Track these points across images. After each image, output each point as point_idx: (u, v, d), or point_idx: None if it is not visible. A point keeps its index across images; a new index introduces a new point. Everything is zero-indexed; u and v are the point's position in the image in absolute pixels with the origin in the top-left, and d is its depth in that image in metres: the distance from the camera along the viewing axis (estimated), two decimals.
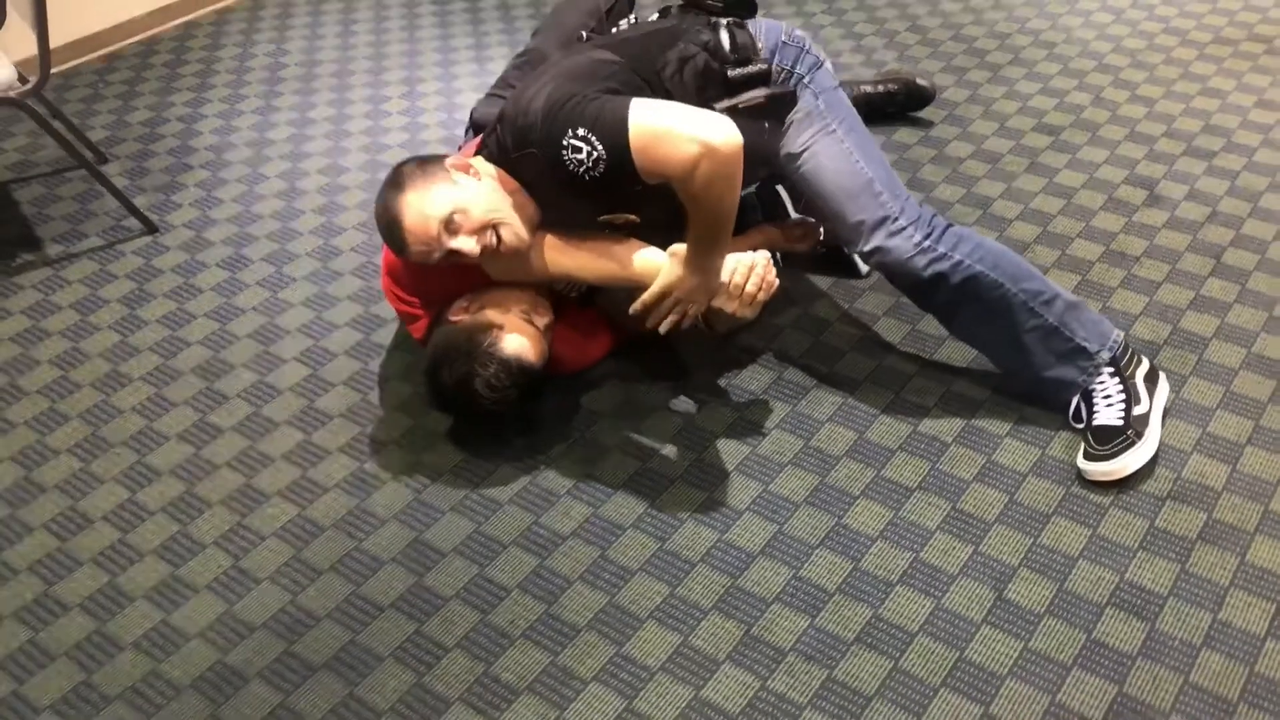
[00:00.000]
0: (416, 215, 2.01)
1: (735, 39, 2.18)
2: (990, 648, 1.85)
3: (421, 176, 2.05)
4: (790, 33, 2.27)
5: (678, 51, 2.15)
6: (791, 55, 2.24)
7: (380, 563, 2.05)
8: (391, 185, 2.06)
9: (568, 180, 1.99)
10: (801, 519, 2.08)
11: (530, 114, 2.00)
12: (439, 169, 2.06)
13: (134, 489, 2.23)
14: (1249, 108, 3.13)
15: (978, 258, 2.12)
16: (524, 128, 2.02)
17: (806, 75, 2.23)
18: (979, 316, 2.16)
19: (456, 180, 2.05)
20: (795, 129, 2.22)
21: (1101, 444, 2.08)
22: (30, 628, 1.98)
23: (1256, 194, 2.80)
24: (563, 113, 1.97)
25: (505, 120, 2.07)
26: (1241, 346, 2.37)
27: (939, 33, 3.62)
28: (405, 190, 2.03)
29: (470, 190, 2.04)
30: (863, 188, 2.17)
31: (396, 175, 2.07)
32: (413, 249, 2.05)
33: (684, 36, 2.18)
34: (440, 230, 2.01)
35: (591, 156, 1.94)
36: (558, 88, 2.01)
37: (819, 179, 2.21)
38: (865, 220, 2.16)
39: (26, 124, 3.40)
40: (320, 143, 3.27)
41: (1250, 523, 2.01)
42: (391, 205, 2.04)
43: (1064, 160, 2.97)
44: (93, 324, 2.64)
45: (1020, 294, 2.11)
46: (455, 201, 2.01)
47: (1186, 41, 3.47)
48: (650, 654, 1.87)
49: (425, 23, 3.89)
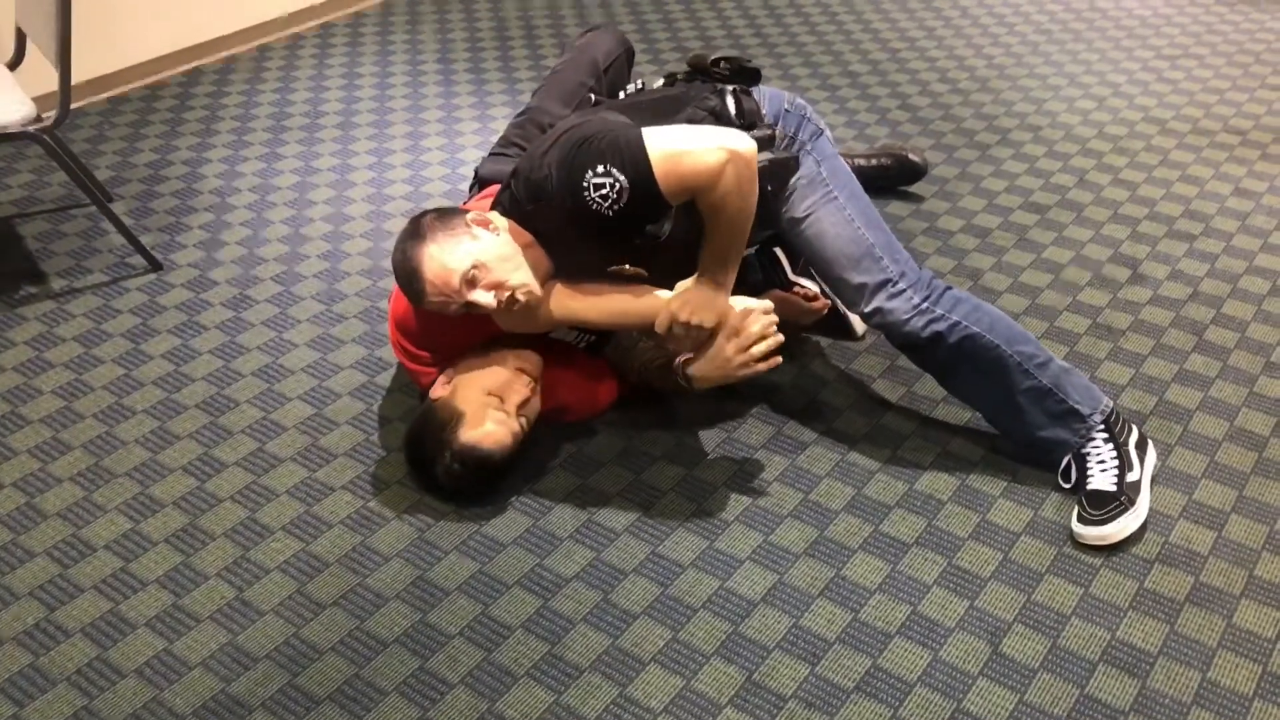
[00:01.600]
0: (438, 267, 2.06)
1: (741, 105, 2.27)
2: (986, 700, 1.88)
3: (443, 229, 2.09)
4: (793, 101, 2.36)
5: (685, 115, 2.23)
6: (794, 122, 2.33)
7: (384, 599, 2.07)
8: (412, 236, 2.10)
9: (588, 223, 2.04)
10: (801, 569, 2.12)
11: (543, 167, 2.07)
12: (460, 222, 2.11)
13: (137, 519, 2.23)
14: (1226, 195, 3.25)
15: (974, 320, 2.20)
16: (538, 181, 2.08)
17: (809, 142, 2.32)
18: (975, 376, 2.23)
19: (476, 235, 2.09)
20: (798, 195, 2.30)
21: (1096, 509, 2.14)
22: (31, 652, 1.97)
23: (1235, 276, 2.90)
24: (578, 158, 2.03)
25: (519, 176, 2.13)
26: (1224, 419, 2.45)
27: (929, 111, 3.74)
28: (426, 242, 2.08)
29: (489, 245, 2.09)
30: (864, 253, 2.25)
31: (417, 226, 2.11)
32: (430, 299, 2.09)
33: (692, 102, 2.26)
34: (461, 284, 2.05)
35: (615, 188, 1.99)
36: (569, 139, 2.07)
37: (821, 244, 2.28)
38: (867, 283, 2.24)
39: (31, 161, 3.43)
40: (324, 191, 3.32)
41: (1236, 587, 2.07)
42: (412, 256, 2.08)
43: (1051, 237, 3.07)
44: (96, 357, 2.66)
45: (1015, 355, 2.18)
46: (475, 256, 2.06)
47: (1166, 130, 3.61)
48: (653, 696, 1.89)
49: (429, 79, 3.98)
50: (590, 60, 2.63)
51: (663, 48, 4.22)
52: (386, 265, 2.98)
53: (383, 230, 3.13)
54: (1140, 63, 4.07)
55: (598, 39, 2.65)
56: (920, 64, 4.08)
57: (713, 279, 2.11)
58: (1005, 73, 4.00)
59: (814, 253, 2.31)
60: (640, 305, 2.19)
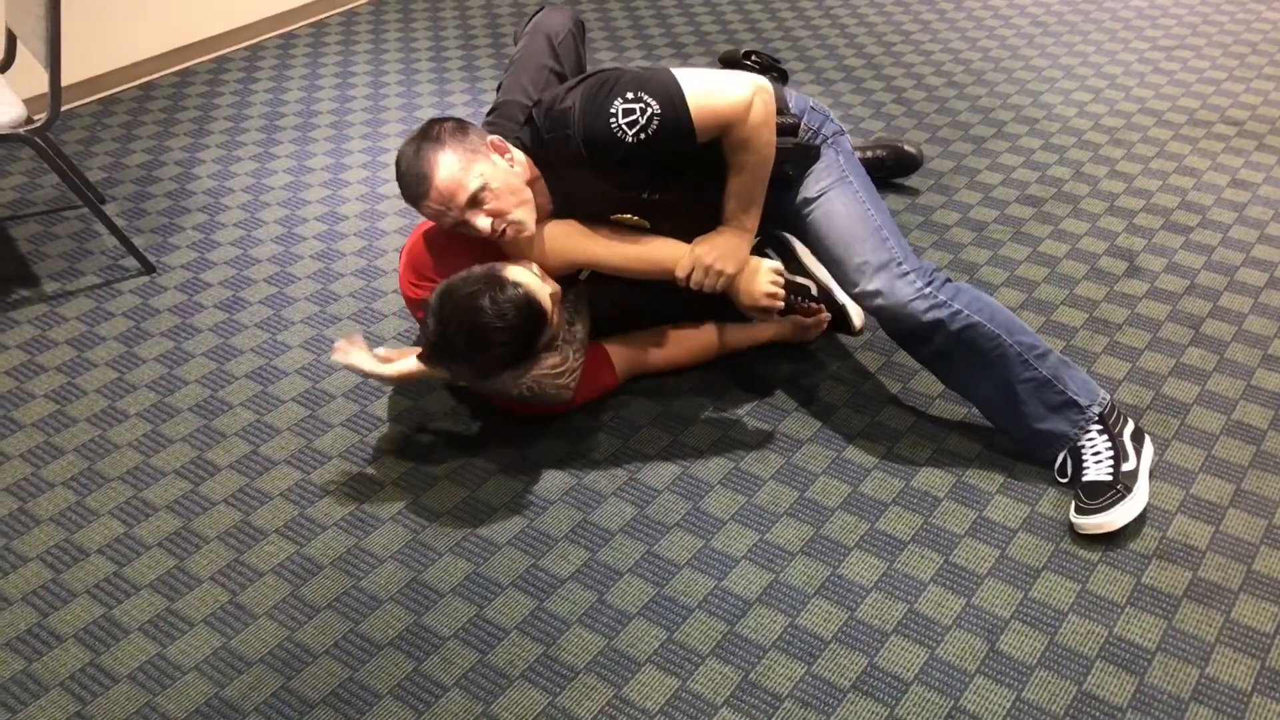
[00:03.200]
0: (450, 177, 2.09)
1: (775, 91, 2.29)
2: (984, 698, 1.88)
3: (462, 141, 2.12)
4: (818, 103, 2.42)
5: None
6: (818, 119, 2.37)
7: (378, 601, 2.06)
8: (428, 138, 2.12)
9: (603, 155, 2.09)
10: (797, 568, 2.11)
11: (568, 98, 2.12)
12: (480, 141, 2.14)
13: (130, 523, 2.22)
14: (1223, 186, 3.24)
15: (976, 309, 2.18)
16: (561, 110, 2.12)
17: (831, 138, 2.36)
18: (974, 366, 2.21)
19: (493, 159, 2.13)
20: (813, 178, 2.33)
21: (1092, 499, 2.13)
22: (24, 658, 1.97)
23: (1232, 268, 2.89)
24: (606, 88, 2.09)
25: (540, 107, 2.18)
26: (1221, 413, 2.44)
27: (924, 105, 3.73)
28: (445, 147, 2.10)
29: (503, 172, 2.13)
30: (872, 232, 2.25)
31: (436, 130, 2.13)
32: (430, 204, 2.12)
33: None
34: (466, 200, 2.09)
35: (646, 114, 2.06)
36: (598, 78, 2.14)
37: (829, 221, 2.28)
38: (870, 261, 2.23)
39: (24, 163, 3.42)
40: (318, 191, 3.31)
41: (1234, 582, 2.06)
42: (426, 157, 2.10)
43: (1047, 230, 3.06)
44: (89, 360, 2.65)
45: (1016, 346, 2.17)
46: (489, 178, 2.10)
47: (1162, 122, 3.59)
48: (649, 697, 1.89)
49: (422, 77, 3.96)
50: (545, 41, 2.64)
51: (656, 43, 4.20)
52: (381, 265, 2.97)
53: (376, 229, 3.12)
54: (1136, 54, 4.05)
55: (546, 19, 2.66)
56: (915, 57, 4.07)
57: (739, 225, 2.24)
58: (1000, 65, 3.99)
59: (820, 232, 2.30)
60: (661, 250, 2.26)
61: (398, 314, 2.78)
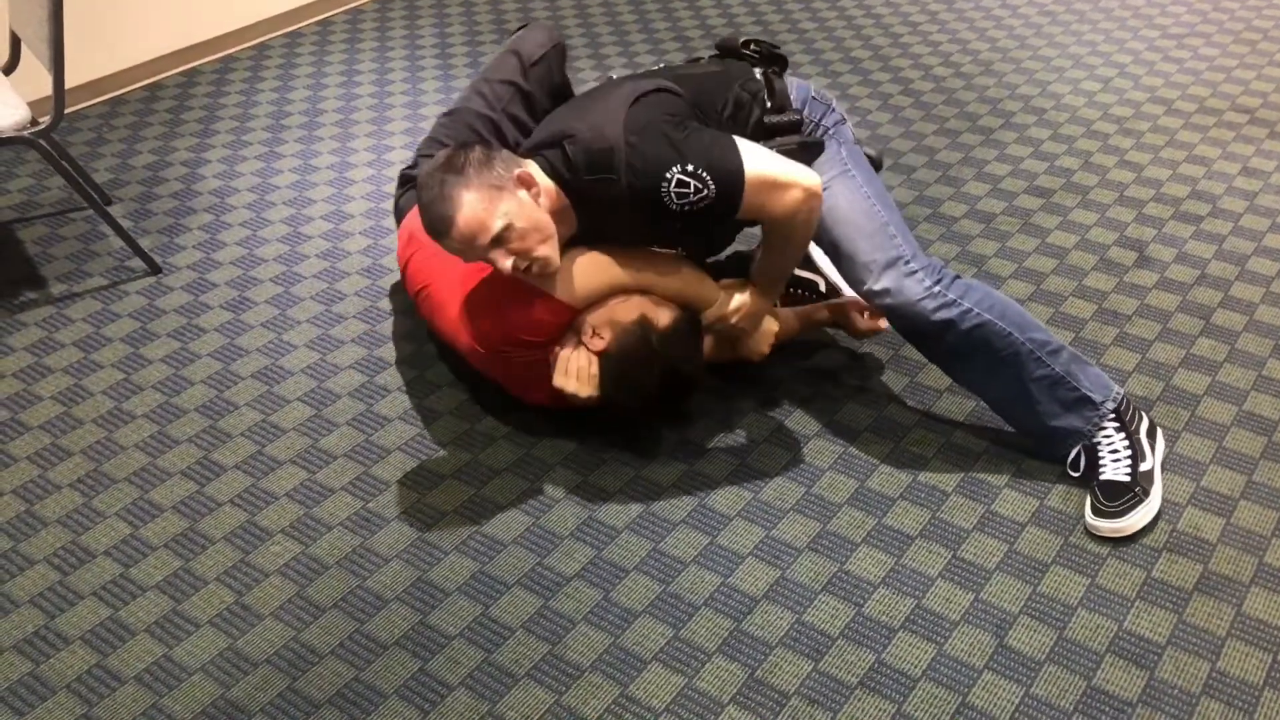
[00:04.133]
0: (473, 218, 2.01)
1: (774, 88, 2.27)
2: (992, 693, 1.86)
3: (487, 175, 2.03)
4: (819, 91, 2.37)
5: (734, 94, 2.23)
6: (819, 110, 2.33)
7: (384, 601, 2.06)
8: (452, 169, 2.03)
9: (643, 210, 2.05)
10: (804, 565, 2.10)
11: (608, 138, 2.04)
12: (506, 173, 2.05)
13: (136, 525, 2.23)
14: (1234, 175, 3.21)
15: (986, 306, 2.16)
16: (602, 152, 2.04)
17: (831, 128, 2.32)
18: (986, 365, 2.19)
19: (519, 196, 2.05)
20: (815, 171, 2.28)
21: (1110, 500, 2.11)
22: (31, 660, 1.97)
23: (1243, 257, 2.87)
24: (666, 148, 2.03)
25: (577, 142, 2.08)
26: (1232, 404, 2.41)
27: (931, 96, 3.70)
28: (470, 185, 2.01)
29: (528, 210, 2.05)
30: (878, 229, 2.22)
31: (460, 161, 2.04)
32: (452, 243, 2.05)
33: (736, 81, 2.26)
34: (489, 241, 2.03)
35: (700, 193, 2.03)
36: (654, 121, 2.06)
37: (835, 218, 2.25)
38: (878, 259, 2.20)
39: (30, 165, 3.43)
40: (323, 190, 3.30)
41: (1245, 575, 2.04)
42: (451, 194, 2.01)
43: (1055, 221, 3.04)
44: (95, 362, 2.65)
45: (1028, 343, 2.15)
46: (513, 218, 2.03)
47: (1172, 110, 3.56)
48: (655, 695, 1.88)
49: (428, 74, 3.96)
50: (516, 59, 2.62)
51: (662, 36, 4.19)
52: (385, 264, 2.96)
53: (381, 228, 3.11)
54: (1146, 42, 4.02)
55: (527, 35, 2.64)
56: (923, 48, 4.04)
57: (766, 293, 2.34)
58: (1009, 55, 3.96)
59: (825, 228, 2.26)
60: (695, 291, 2.29)
61: (403, 313, 2.78)
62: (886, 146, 3.40)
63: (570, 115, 2.18)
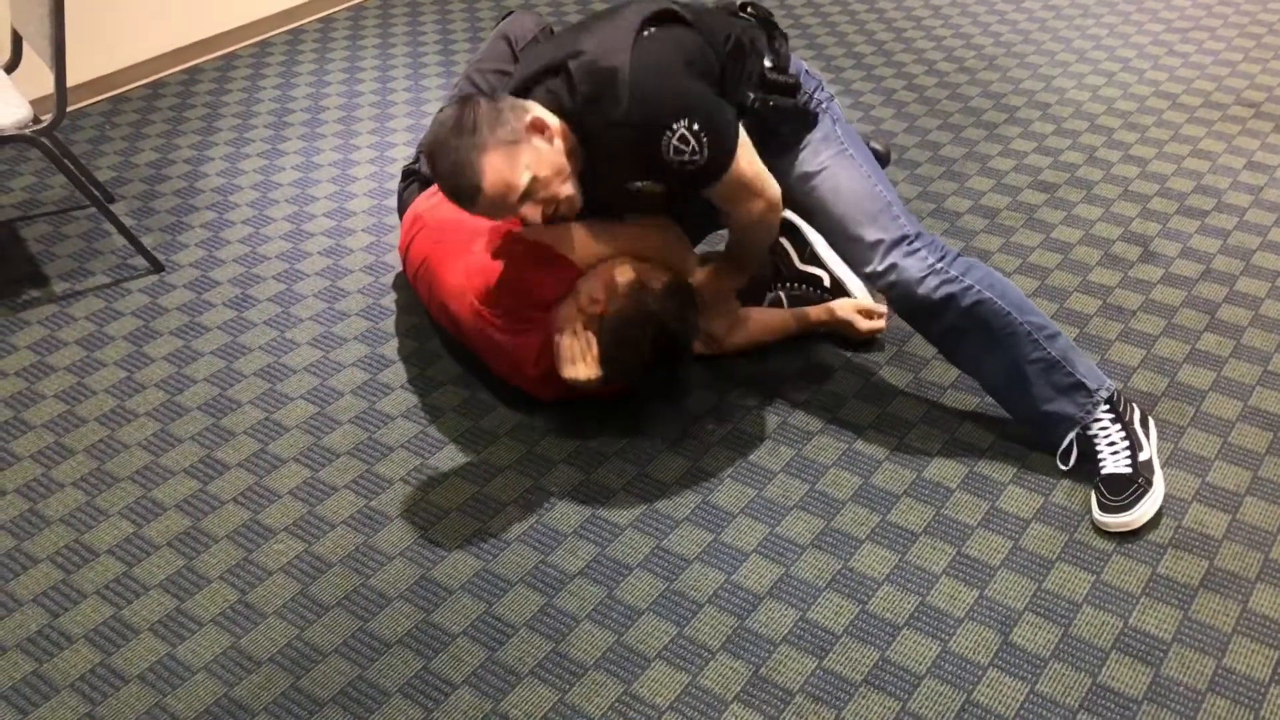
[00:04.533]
0: (498, 180, 1.98)
1: (775, 46, 2.25)
2: (997, 691, 1.86)
3: (501, 130, 1.99)
4: (810, 68, 2.36)
5: (736, 32, 2.18)
6: (812, 84, 2.32)
7: (387, 599, 2.05)
8: (466, 130, 1.98)
9: (641, 152, 2.02)
10: (808, 562, 2.09)
11: (614, 60, 1.99)
12: (517, 120, 2.00)
13: (139, 523, 2.22)
14: (1239, 169, 3.20)
15: (987, 285, 2.15)
16: (607, 70, 1.98)
17: (825, 102, 2.31)
18: (984, 344, 2.18)
19: (535, 144, 2.01)
20: (811, 150, 2.27)
21: (1115, 494, 2.10)
22: (35, 659, 1.97)
23: (1249, 252, 2.85)
24: (677, 99, 2.00)
25: (581, 59, 2.02)
26: (1238, 400, 2.41)
27: (935, 91, 3.69)
28: (487, 146, 1.97)
29: (546, 156, 2.02)
30: (881, 209, 2.21)
31: (470, 119, 1.99)
32: (480, 208, 2.03)
33: (738, 28, 2.21)
34: (518, 198, 2.01)
35: (693, 156, 2.02)
36: (667, 60, 2.03)
37: (836, 198, 2.24)
38: (883, 239, 2.19)
39: (33, 163, 3.42)
40: (326, 186, 3.30)
41: (1251, 571, 2.04)
42: (470, 161, 1.97)
43: (1060, 216, 3.03)
44: (99, 360, 2.65)
45: (1026, 324, 2.14)
46: (535, 169, 2.00)
47: (1177, 105, 3.55)
48: (658, 693, 1.87)
49: (430, 71, 3.95)
50: (506, 44, 2.62)
51: None
52: (388, 261, 2.96)
53: (384, 225, 3.11)
54: (1151, 36, 4.00)
55: (513, 23, 2.64)
56: (926, 43, 4.03)
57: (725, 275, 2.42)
58: (1013, 50, 3.95)
59: (827, 208, 2.25)
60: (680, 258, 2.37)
61: (406, 310, 2.78)
62: (890, 142, 3.39)
63: (576, 35, 2.12)
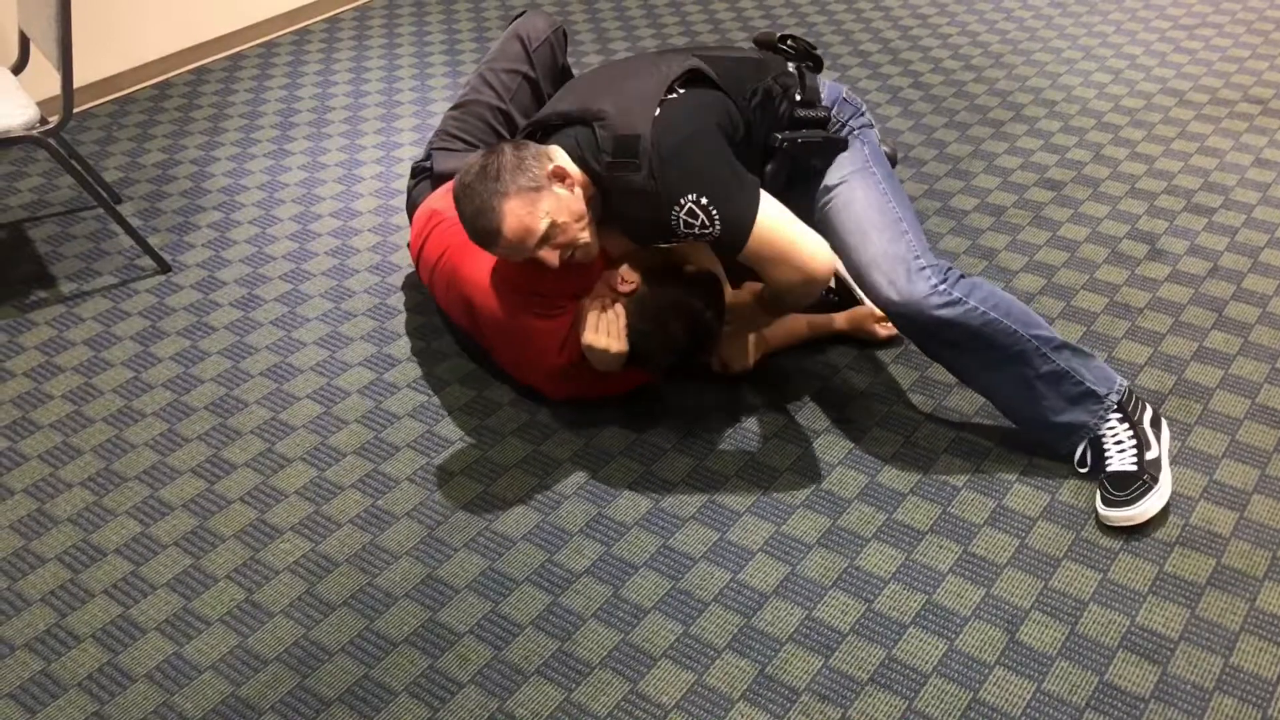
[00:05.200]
0: (518, 225, 2.06)
1: (805, 81, 2.29)
2: (1004, 689, 1.85)
3: (523, 177, 2.06)
4: (850, 95, 2.38)
5: (764, 84, 2.23)
6: (849, 111, 2.34)
7: (393, 598, 2.06)
8: (490, 177, 2.07)
9: (653, 218, 2.08)
10: (814, 560, 2.09)
11: (636, 126, 2.06)
12: (538, 168, 2.08)
13: (147, 523, 2.23)
14: (1246, 166, 3.19)
15: (991, 304, 2.15)
16: (629, 138, 2.06)
17: (858, 130, 2.33)
18: (991, 363, 2.18)
19: (555, 191, 2.09)
20: (835, 166, 2.30)
21: (1119, 490, 2.10)
22: (43, 658, 1.97)
23: (1256, 249, 2.85)
24: (690, 165, 2.05)
25: (606, 124, 2.10)
26: (1245, 397, 2.40)
27: (941, 89, 3.69)
28: (509, 194, 2.05)
29: (566, 203, 2.09)
30: (890, 223, 2.21)
31: (495, 167, 2.07)
32: (501, 250, 2.12)
33: (769, 71, 2.26)
34: (536, 243, 2.08)
35: (705, 228, 2.06)
36: (673, 114, 2.08)
37: (849, 210, 2.25)
38: (887, 254, 2.18)
39: (41, 164, 3.43)
40: (332, 186, 3.31)
41: (1259, 569, 2.03)
42: (493, 207, 2.06)
43: (1067, 214, 3.02)
44: (106, 360, 2.66)
45: (1032, 339, 2.14)
46: (555, 215, 2.08)
47: (1184, 102, 3.54)
48: (665, 692, 1.87)
49: (436, 70, 3.95)
50: (520, 44, 2.63)
51: (671, 31, 4.18)
52: (395, 260, 2.96)
53: (390, 225, 3.11)
54: (1157, 33, 3.99)
55: (525, 23, 2.65)
56: (932, 41, 4.03)
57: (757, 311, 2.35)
58: (1019, 47, 3.94)
59: (839, 222, 2.25)
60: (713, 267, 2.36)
61: (413, 310, 2.78)
62: (897, 140, 3.39)
63: (601, 90, 2.18)
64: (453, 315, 2.52)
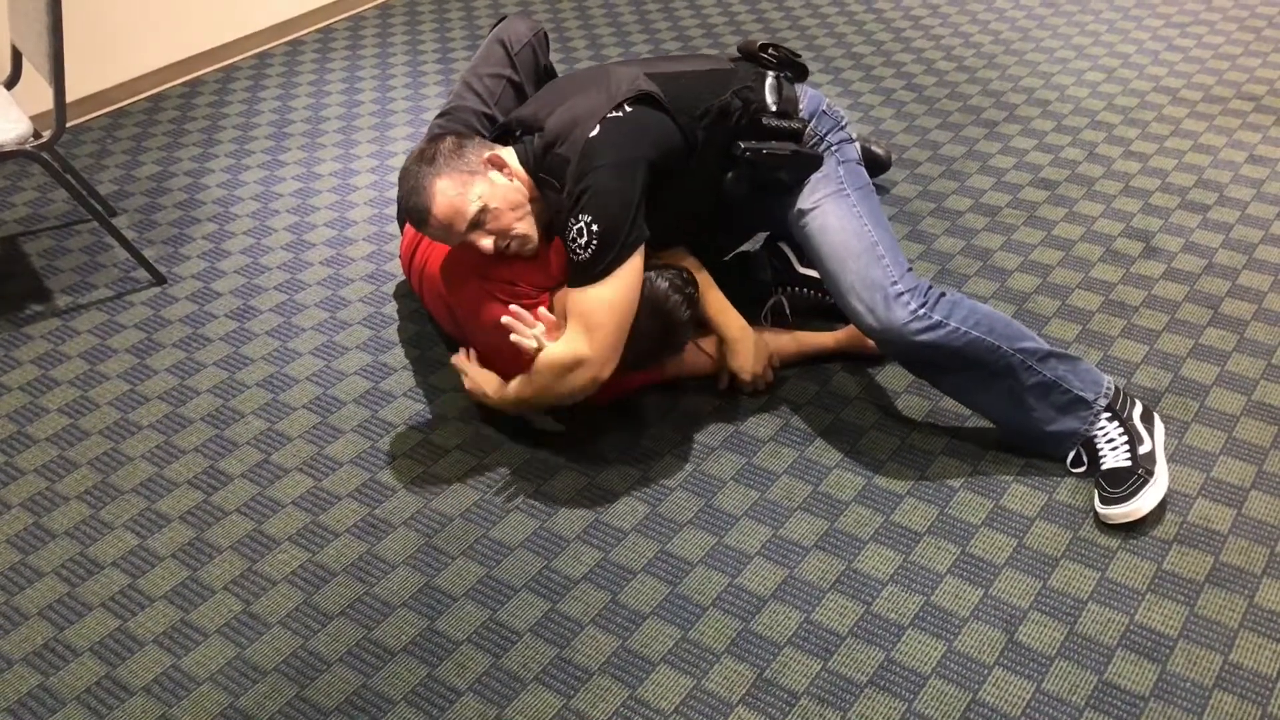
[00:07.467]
0: (447, 205, 2.12)
1: (781, 91, 2.28)
2: (1003, 690, 1.85)
3: (458, 162, 2.15)
4: (831, 107, 2.37)
5: (722, 100, 2.22)
6: (827, 125, 2.33)
7: (391, 608, 2.05)
8: (426, 160, 2.15)
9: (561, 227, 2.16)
10: (812, 563, 2.09)
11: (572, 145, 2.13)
12: (477, 158, 2.16)
13: (144, 535, 2.23)
14: (1240, 163, 3.19)
15: (973, 323, 2.14)
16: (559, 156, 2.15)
17: (835, 145, 2.31)
18: (978, 380, 2.18)
19: (491, 177, 2.15)
20: (810, 187, 2.28)
21: (1116, 487, 2.10)
22: (41, 673, 1.97)
23: (1251, 246, 2.85)
24: (599, 189, 2.07)
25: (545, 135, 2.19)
26: (1242, 394, 2.40)
27: (934, 90, 3.69)
28: (440, 174, 2.13)
29: (502, 189, 2.15)
30: (866, 249, 2.21)
31: (431, 152, 2.16)
32: (432, 231, 2.17)
33: (732, 85, 2.25)
34: (466, 225, 2.13)
35: (579, 251, 2.09)
36: (607, 137, 2.11)
37: (825, 235, 2.24)
38: (865, 280, 2.18)
39: (35, 178, 3.44)
40: (327, 196, 3.31)
41: (1257, 565, 2.03)
42: (424, 185, 2.13)
43: (1061, 213, 3.02)
44: (102, 373, 2.66)
45: (1017, 354, 2.13)
46: (487, 199, 2.13)
47: (1177, 99, 3.54)
48: (663, 697, 1.87)
49: (430, 80, 3.96)
50: (502, 48, 2.65)
51: (664, 36, 4.18)
52: (389, 270, 2.96)
53: (385, 234, 3.11)
54: (1149, 31, 4.00)
55: (507, 27, 2.66)
56: (924, 42, 4.03)
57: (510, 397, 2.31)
58: (1011, 47, 3.94)
59: (816, 246, 2.27)
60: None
61: (408, 318, 2.78)
62: (891, 142, 3.39)
63: (555, 102, 2.26)
64: (440, 321, 2.52)
